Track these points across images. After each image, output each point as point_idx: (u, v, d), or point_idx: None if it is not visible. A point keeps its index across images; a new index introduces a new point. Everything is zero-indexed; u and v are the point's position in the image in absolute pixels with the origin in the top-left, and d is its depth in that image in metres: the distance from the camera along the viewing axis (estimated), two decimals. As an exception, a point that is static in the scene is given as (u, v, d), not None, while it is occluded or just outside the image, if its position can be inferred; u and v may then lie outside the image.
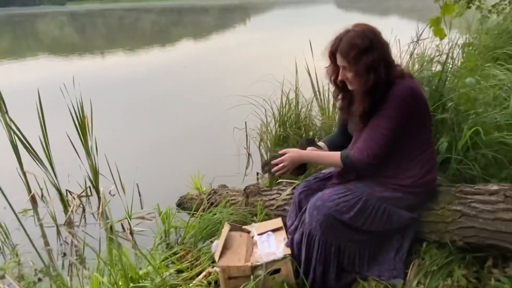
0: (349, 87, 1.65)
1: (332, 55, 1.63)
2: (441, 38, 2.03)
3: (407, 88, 1.53)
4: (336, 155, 1.68)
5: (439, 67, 2.35)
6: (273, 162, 1.79)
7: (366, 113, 1.57)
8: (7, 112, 2.79)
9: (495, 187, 1.60)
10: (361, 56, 1.51)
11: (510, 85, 2.37)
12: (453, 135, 1.94)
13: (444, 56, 2.27)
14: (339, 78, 1.63)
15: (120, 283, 1.67)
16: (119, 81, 7.83)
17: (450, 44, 2.67)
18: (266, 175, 1.97)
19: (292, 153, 1.75)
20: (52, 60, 11.43)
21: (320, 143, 1.91)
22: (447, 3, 1.87)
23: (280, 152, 1.79)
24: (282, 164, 1.75)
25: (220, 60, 9.75)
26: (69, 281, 1.91)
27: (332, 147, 1.87)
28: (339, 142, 1.89)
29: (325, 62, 1.67)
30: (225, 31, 20.07)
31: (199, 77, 7.61)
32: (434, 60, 2.39)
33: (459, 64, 3.23)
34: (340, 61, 1.58)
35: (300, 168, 1.81)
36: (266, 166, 1.84)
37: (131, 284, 1.69)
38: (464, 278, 1.60)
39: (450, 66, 2.37)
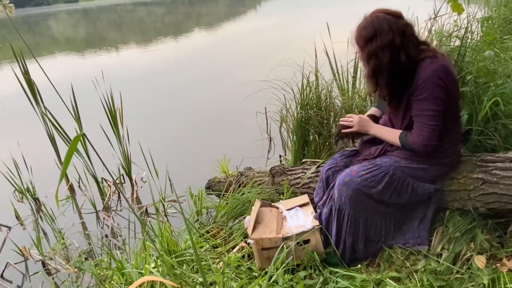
0: None
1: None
2: (459, 13, 2.06)
3: (440, 67, 1.57)
4: (396, 134, 1.74)
5: (457, 42, 2.37)
6: (341, 122, 1.95)
7: (391, 96, 1.69)
8: (44, 105, 2.96)
9: (515, 155, 1.66)
10: (366, 45, 1.62)
11: (530, 56, 2.37)
12: (473, 107, 1.99)
13: (462, 31, 2.29)
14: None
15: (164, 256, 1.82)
16: (138, 73, 7.99)
17: (468, 19, 2.66)
18: (340, 142, 2.15)
19: (362, 118, 1.89)
20: (69, 57, 11.68)
21: (374, 109, 2.02)
22: (464, -22, 1.90)
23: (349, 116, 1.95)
24: (349, 123, 1.90)
25: (236, 48, 9.80)
26: (115, 258, 2.07)
27: (382, 109, 1.98)
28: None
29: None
30: (237, 19, 19.99)
31: (217, 66, 7.69)
32: (452, 36, 2.41)
33: (478, 38, 3.21)
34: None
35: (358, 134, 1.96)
36: (338, 134, 2.01)
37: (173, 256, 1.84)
38: (487, 242, 1.67)
39: (469, 40, 2.38)
